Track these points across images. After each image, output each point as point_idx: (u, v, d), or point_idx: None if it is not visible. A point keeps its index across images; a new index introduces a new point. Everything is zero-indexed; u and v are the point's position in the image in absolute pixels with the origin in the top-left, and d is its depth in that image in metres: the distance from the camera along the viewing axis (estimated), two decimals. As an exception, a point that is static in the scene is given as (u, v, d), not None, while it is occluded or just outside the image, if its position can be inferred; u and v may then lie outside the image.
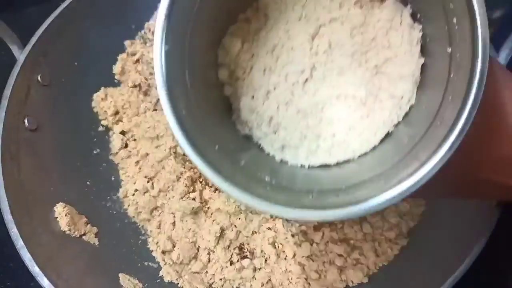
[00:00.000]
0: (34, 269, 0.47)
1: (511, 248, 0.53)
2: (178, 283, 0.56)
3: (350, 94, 0.41)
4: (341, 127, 0.41)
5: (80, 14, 0.62)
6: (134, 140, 0.64)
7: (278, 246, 0.56)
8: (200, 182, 0.60)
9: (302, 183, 0.40)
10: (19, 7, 0.57)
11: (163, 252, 0.58)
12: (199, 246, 0.57)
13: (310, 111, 0.41)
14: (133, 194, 0.61)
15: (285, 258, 0.55)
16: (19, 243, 0.47)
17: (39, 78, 0.58)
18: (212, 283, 0.56)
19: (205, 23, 0.38)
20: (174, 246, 0.58)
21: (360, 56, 0.40)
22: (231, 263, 0.56)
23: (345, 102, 0.41)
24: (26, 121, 0.55)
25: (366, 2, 0.40)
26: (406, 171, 0.33)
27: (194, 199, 0.58)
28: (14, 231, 0.48)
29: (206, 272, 0.57)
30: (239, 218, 0.57)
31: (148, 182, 0.61)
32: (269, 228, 0.57)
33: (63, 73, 0.61)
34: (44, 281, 0.46)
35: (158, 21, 0.33)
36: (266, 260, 0.56)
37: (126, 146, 0.64)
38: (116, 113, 0.64)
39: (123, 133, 0.64)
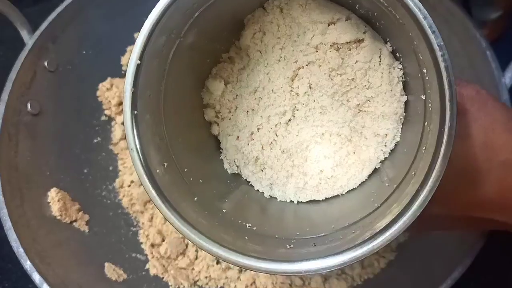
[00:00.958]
0: (19, 250, 0.47)
1: (510, 248, 0.53)
2: (163, 277, 0.56)
3: (335, 132, 0.41)
4: (328, 164, 0.41)
5: (92, 4, 0.63)
6: (135, 132, 0.64)
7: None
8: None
9: (291, 221, 0.41)
10: (19, 6, 0.57)
11: (152, 245, 0.58)
12: (187, 243, 0.58)
13: (295, 150, 0.41)
14: (129, 185, 0.61)
15: (271, 262, 0.55)
16: (7, 225, 0.48)
17: (46, 64, 0.59)
18: (197, 281, 0.56)
19: (182, 73, 0.39)
20: (163, 240, 0.58)
21: (341, 96, 0.41)
22: (218, 262, 0.56)
23: (330, 140, 0.41)
24: (29, 104, 0.56)
25: (342, 45, 0.40)
26: (379, 223, 0.33)
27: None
28: (3, 212, 0.48)
29: (192, 269, 0.57)
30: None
31: (144, 174, 0.61)
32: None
33: (70, 60, 0.62)
34: (26, 263, 0.47)
35: (125, 88, 0.34)
36: (252, 262, 0.56)
37: (127, 137, 0.64)
38: (120, 103, 0.65)
39: (125, 124, 0.65)
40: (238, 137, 0.42)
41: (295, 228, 0.38)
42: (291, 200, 0.42)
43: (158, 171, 0.34)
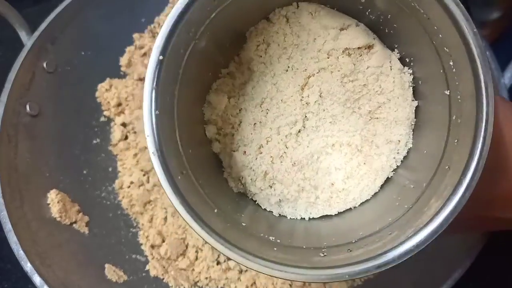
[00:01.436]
0: (19, 252, 0.47)
1: (509, 249, 0.53)
2: (163, 279, 0.56)
3: (345, 142, 0.40)
4: (339, 176, 0.40)
5: (91, 4, 0.63)
6: (135, 133, 0.64)
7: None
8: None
9: (303, 238, 0.39)
10: (19, 7, 0.57)
11: (152, 246, 0.58)
12: (188, 243, 0.58)
13: (306, 162, 0.40)
14: (129, 186, 0.61)
15: (271, 263, 0.55)
16: (7, 227, 0.48)
17: (44, 65, 0.59)
18: (197, 281, 0.56)
19: (191, 82, 0.37)
20: (163, 241, 0.58)
21: (353, 103, 0.40)
22: (218, 263, 0.56)
23: (341, 150, 0.41)
24: (28, 106, 0.56)
25: (354, 50, 0.39)
26: (420, 219, 0.32)
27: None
28: (3, 214, 0.48)
29: (193, 270, 0.57)
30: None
31: (144, 175, 0.61)
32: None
33: (69, 61, 0.62)
34: (27, 265, 0.47)
35: (146, 85, 0.33)
36: (252, 263, 0.56)
37: (126, 138, 0.64)
38: (119, 104, 0.65)
39: (124, 125, 0.64)
40: (244, 152, 0.41)
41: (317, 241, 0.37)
42: (301, 218, 0.41)
43: (179, 177, 0.33)
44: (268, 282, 0.54)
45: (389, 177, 0.40)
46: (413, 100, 0.39)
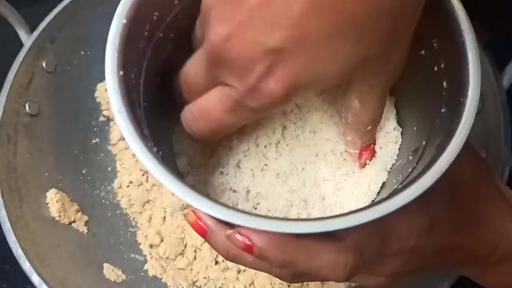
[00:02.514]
0: (18, 252, 0.47)
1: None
2: (161, 278, 0.56)
3: (329, 150, 0.38)
4: (328, 188, 0.37)
5: (90, 4, 0.63)
6: (134, 132, 0.64)
7: (264, 250, 0.56)
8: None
9: None
10: (18, 6, 0.58)
11: (151, 246, 0.58)
12: (186, 243, 0.58)
13: (290, 172, 0.37)
14: (128, 186, 0.61)
15: (270, 263, 0.55)
16: (6, 226, 0.48)
17: (44, 65, 0.59)
18: (196, 281, 0.56)
19: (155, 110, 0.34)
20: (162, 241, 0.58)
21: (330, 105, 0.38)
22: (216, 262, 0.56)
23: (326, 160, 0.38)
24: (27, 105, 0.56)
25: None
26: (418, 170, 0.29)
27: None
28: (2, 213, 0.48)
29: (191, 269, 0.57)
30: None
31: (143, 175, 0.61)
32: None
33: (69, 61, 0.62)
34: (25, 264, 0.47)
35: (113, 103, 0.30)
36: (251, 263, 0.56)
37: (125, 137, 0.64)
38: (119, 104, 0.65)
39: (123, 124, 0.64)
40: (222, 172, 0.38)
41: None
42: None
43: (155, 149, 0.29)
44: (266, 282, 0.54)
45: (385, 181, 0.37)
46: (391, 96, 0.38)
